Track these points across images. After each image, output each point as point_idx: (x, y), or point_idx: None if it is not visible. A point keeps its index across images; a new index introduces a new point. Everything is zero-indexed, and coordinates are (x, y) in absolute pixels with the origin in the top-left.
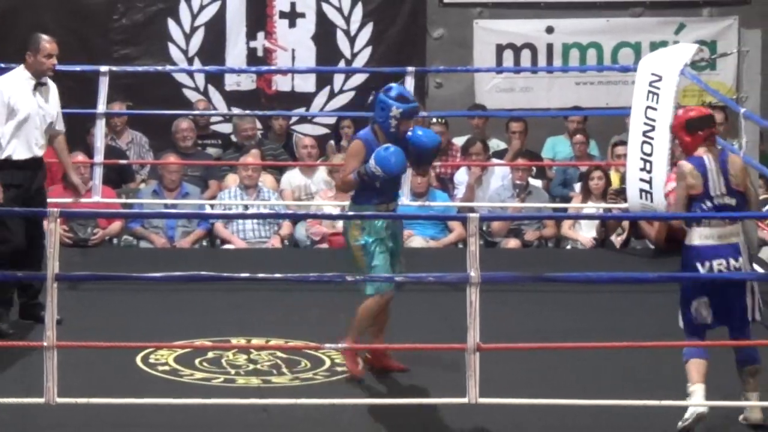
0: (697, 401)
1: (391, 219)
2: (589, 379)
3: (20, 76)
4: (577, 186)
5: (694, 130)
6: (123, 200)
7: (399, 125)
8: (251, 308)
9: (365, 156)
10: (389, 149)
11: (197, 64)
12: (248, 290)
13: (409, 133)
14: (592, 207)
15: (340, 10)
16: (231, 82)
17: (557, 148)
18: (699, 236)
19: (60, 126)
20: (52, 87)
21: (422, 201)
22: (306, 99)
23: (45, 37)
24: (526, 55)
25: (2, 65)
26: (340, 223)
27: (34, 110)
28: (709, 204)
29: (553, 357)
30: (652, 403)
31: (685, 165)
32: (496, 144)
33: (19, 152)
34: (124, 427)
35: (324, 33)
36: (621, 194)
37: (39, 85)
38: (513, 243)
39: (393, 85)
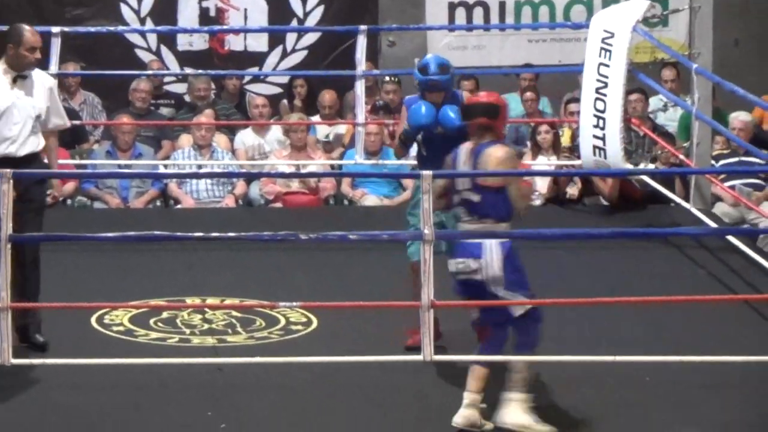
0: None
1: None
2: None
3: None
4: (528, 143)
5: (467, 117)
6: (76, 161)
7: (423, 95)
8: (205, 268)
9: None
10: (417, 103)
11: (149, 25)
12: (202, 250)
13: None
14: (543, 164)
15: None
16: (183, 42)
17: (510, 106)
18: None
19: (57, 120)
20: (39, 79)
21: (375, 159)
22: (258, 58)
23: (27, 28)
24: (478, 13)
25: None
26: (294, 182)
27: (12, 105)
28: (456, 198)
29: None
30: (604, 358)
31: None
32: None
33: None
34: (80, 388)
35: None
36: (574, 151)
37: (19, 78)
38: None
39: (430, 56)
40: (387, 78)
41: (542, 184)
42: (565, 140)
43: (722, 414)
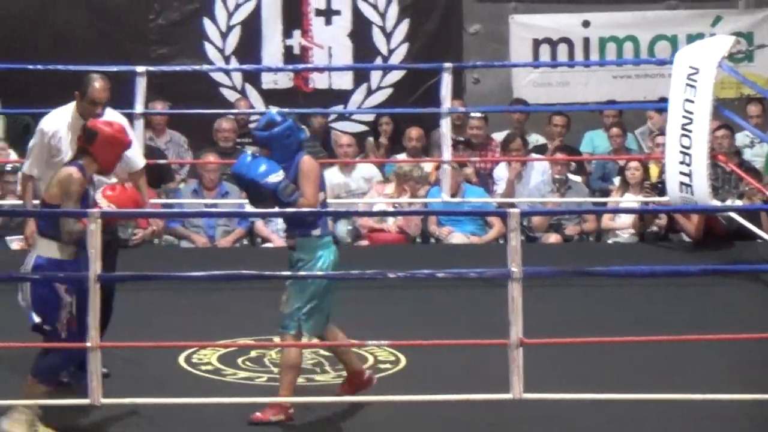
0: None
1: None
2: (632, 372)
3: (69, 114)
4: (617, 179)
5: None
6: (163, 200)
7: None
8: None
9: None
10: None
11: (233, 63)
12: None
13: None
14: (631, 200)
15: (375, 6)
16: (268, 81)
17: (596, 142)
18: None
19: (134, 162)
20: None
21: (458, 197)
22: (343, 96)
23: (97, 84)
24: (562, 50)
25: None
26: (389, 220)
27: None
28: None
29: (596, 351)
30: (695, 396)
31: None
32: (535, 139)
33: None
34: (168, 427)
35: (360, 30)
36: (656, 188)
37: None
38: (554, 238)
39: (273, 110)
40: (472, 114)
41: (628, 220)
42: (654, 175)
43: None
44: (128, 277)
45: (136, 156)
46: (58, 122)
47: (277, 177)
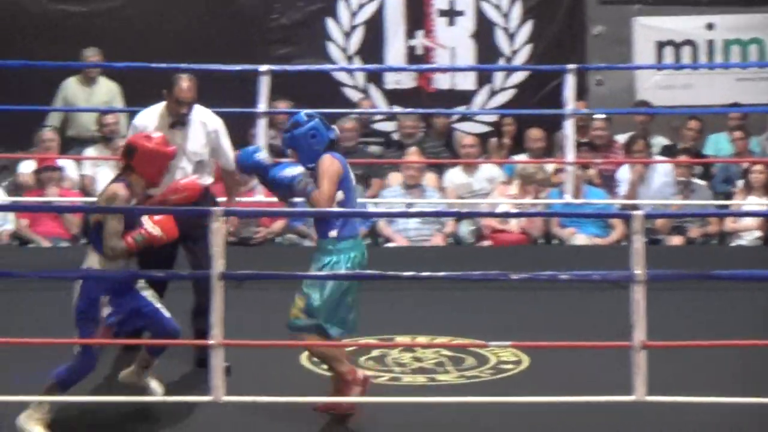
0: None
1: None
2: (757, 377)
3: (158, 112)
4: (740, 182)
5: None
6: None
7: None
8: (415, 306)
9: None
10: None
11: (357, 63)
12: (412, 288)
13: None
14: (755, 203)
15: (498, 7)
16: (391, 81)
17: (719, 145)
18: None
19: (224, 163)
20: (201, 123)
21: (581, 199)
22: (466, 97)
23: (184, 84)
24: (686, 52)
25: None
26: (512, 221)
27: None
28: None
29: (720, 355)
30: None
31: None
32: (658, 141)
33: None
34: (290, 425)
35: (483, 31)
36: None
37: (178, 123)
38: (677, 240)
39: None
40: (595, 116)
41: (752, 223)
42: None
43: None
44: (251, 275)
45: (229, 157)
46: (148, 119)
47: (293, 171)
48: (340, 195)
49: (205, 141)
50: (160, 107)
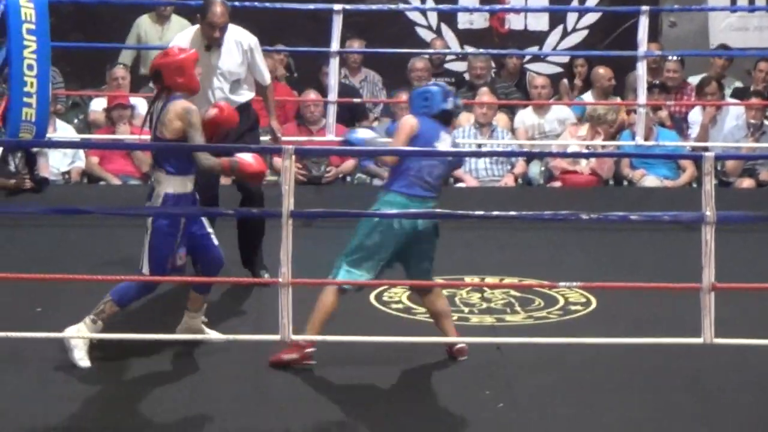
0: None
1: None
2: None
3: (191, 36)
4: None
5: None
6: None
7: None
8: (485, 247)
9: None
10: None
11: (430, 3)
12: (482, 228)
13: None
14: None
15: None
16: (464, 21)
17: None
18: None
19: (260, 79)
20: (235, 42)
21: (652, 141)
22: (539, 38)
23: (217, 9)
24: None
25: None
26: (582, 162)
27: (206, 69)
28: None
29: None
30: None
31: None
32: (730, 83)
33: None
34: (358, 364)
35: None
36: None
37: (212, 46)
38: (747, 183)
39: None
40: (669, 58)
41: None
42: None
43: None
44: (321, 214)
45: (264, 73)
46: (183, 41)
47: (365, 133)
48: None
49: (241, 60)
50: (194, 30)
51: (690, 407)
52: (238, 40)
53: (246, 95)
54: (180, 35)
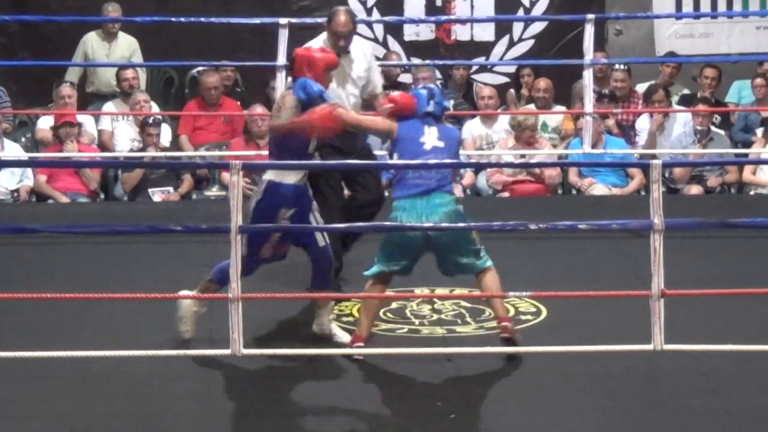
0: None
1: None
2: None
3: (320, 43)
4: (759, 131)
5: None
6: None
7: None
8: (434, 258)
9: None
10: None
11: (376, 15)
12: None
13: None
14: None
15: None
16: (410, 33)
17: (743, 93)
18: None
19: (374, 85)
20: (360, 50)
21: (600, 149)
22: (485, 48)
23: (341, 17)
24: (705, 1)
25: None
26: (522, 171)
27: (341, 76)
28: None
29: (738, 303)
30: None
31: None
32: (677, 90)
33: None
34: (309, 377)
35: None
36: None
37: (340, 53)
38: (695, 189)
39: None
40: (616, 66)
41: None
42: None
43: None
44: (270, 228)
45: (377, 82)
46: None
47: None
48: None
49: (367, 66)
50: (322, 38)
51: (644, 413)
52: (361, 46)
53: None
54: (309, 44)
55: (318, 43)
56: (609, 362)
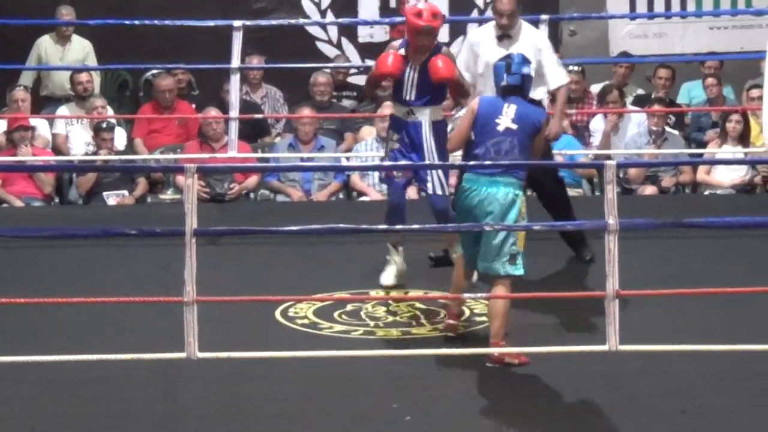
0: None
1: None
2: (728, 324)
3: (488, 28)
4: (711, 131)
5: None
6: (259, 154)
7: None
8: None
9: None
10: None
11: (330, 17)
12: (385, 242)
13: None
14: (728, 151)
15: None
16: (364, 34)
17: (693, 93)
18: None
19: (548, 80)
20: (526, 39)
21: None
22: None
23: None
24: (659, 1)
25: None
26: None
27: (494, 60)
28: None
29: (693, 303)
30: None
31: None
32: (632, 91)
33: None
34: (265, 381)
35: None
36: None
37: (505, 37)
38: (650, 190)
39: None
40: (570, 67)
41: (730, 174)
42: (755, 130)
43: None
44: (225, 231)
45: (550, 74)
46: (480, 34)
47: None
48: (471, 136)
49: (531, 57)
50: (492, 23)
51: (599, 414)
52: (531, 38)
53: (535, 93)
54: (479, 28)
55: (487, 27)
56: (567, 363)
